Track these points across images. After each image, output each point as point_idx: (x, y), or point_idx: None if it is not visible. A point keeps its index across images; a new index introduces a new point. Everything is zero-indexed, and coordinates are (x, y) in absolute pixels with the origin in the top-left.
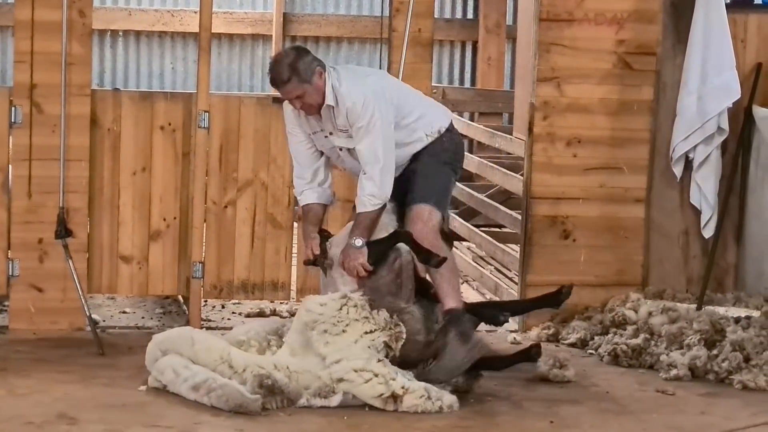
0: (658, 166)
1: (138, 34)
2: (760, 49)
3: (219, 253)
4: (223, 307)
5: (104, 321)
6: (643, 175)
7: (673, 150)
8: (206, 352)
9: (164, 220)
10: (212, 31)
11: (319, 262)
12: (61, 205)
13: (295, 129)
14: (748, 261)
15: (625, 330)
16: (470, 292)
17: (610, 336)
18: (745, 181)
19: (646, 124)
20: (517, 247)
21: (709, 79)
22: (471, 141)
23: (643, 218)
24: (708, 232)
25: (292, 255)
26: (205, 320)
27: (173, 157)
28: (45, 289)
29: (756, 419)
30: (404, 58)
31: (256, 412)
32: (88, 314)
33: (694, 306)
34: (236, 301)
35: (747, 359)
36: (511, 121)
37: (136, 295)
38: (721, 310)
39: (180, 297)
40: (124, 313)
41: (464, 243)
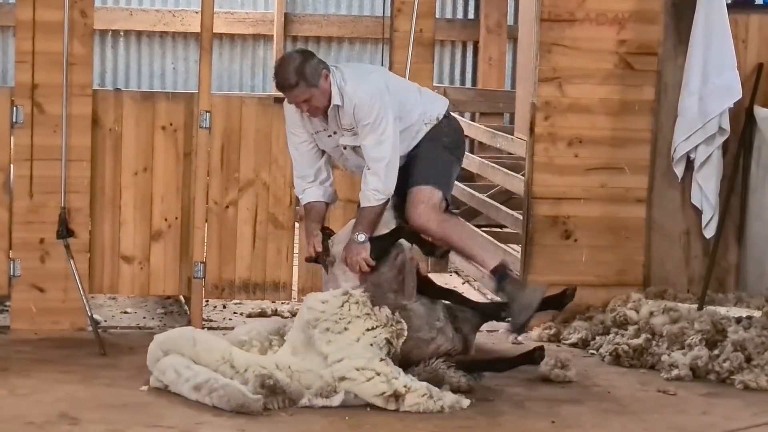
0: (659, 167)
1: (139, 34)
2: (761, 50)
3: (220, 253)
4: (225, 307)
5: (106, 321)
6: (645, 176)
7: (675, 150)
8: (208, 352)
9: (166, 220)
10: (213, 32)
11: (320, 260)
12: (63, 205)
13: (297, 129)
14: (750, 261)
15: (627, 330)
16: (471, 293)
17: (611, 336)
18: (747, 181)
19: (648, 125)
20: (519, 248)
21: (711, 80)
22: (472, 141)
23: (645, 218)
24: (709, 233)
25: (294, 255)
26: (206, 320)
27: (175, 157)
28: (46, 289)
29: (757, 419)
30: (410, 58)
31: (258, 412)
32: (90, 314)
33: (695, 306)
34: (238, 301)
35: (748, 359)
36: (511, 122)
37: (138, 295)
38: (722, 311)
39: (181, 297)
40: (126, 313)
41: None
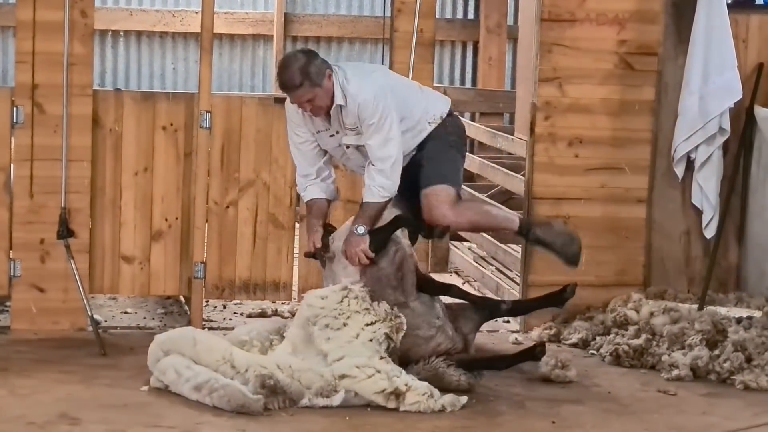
0: (659, 167)
1: (139, 34)
2: (761, 50)
3: (221, 254)
4: (225, 308)
5: (106, 321)
6: (645, 176)
7: (675, 150)
8: (208, 352)
9: (166, 220)
10: (213, 32)
11: (319, 255)
12: (63, 206)
13: (299, 129)
14: (750, 261)
15: (627, 330)
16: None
17: (611, 336)
18: (747, 181)
19: (648, 125)
20: (519, 248)
21: (711, 80)
22: (472, 141)
23: (645, 218)
24: (709, 233)
25: (294, 255)
26: (206, 320)
27: (175, 158)
28: (47, 290)
29: (758, 419)
30: (413, 58)
31: (258, 412)
32: (90, 314)
33: (695, 306)
34: (238, 302)
35: (749, 359)
36: (511, 122)
37: (138, 296)
38: (722, 311)
39: (182, 297)
40: (126, 313)
41: (465, 243)
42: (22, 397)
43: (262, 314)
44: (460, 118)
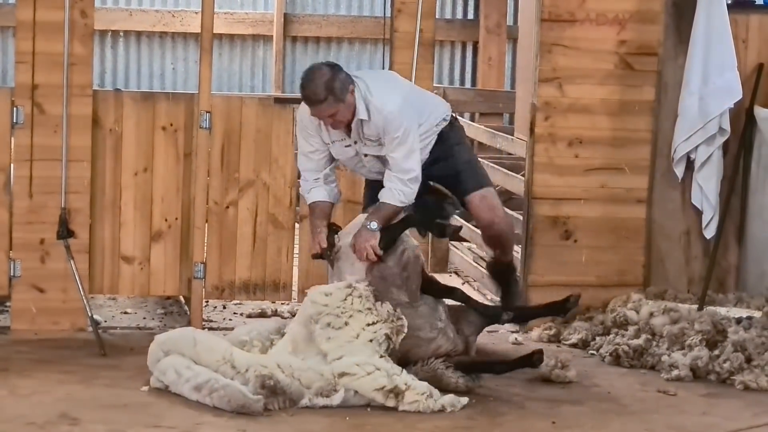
0: (659, 167)
1: (139, 34)
2: (761, 50)
3: (220, 254)
4: (225, 308)
5: (106, 321)
6: (645, 176)
7: (675, 150)
8: (208, 352)
9: (166, 220)
10: (213, 32)
11: (326, 255)
12: (63, 206)
13: (311, 139)
14: (750, 261)
15: (627, 330)
16: (471, 293)
17: (611, 336)
18: (747, 181)
19: (648, 125)
20: (519, 248)
21: (711, 80)
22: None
23: (645, 219)
24: (709, 233)
25: (294, 255)
26: (206, 321)
27: (175, 158)
28: (46, 290)
29: (758, 420)
30: (416, 59)
31: (258, 412)
32: (90, 315)
33: (695, 306)
34: (238, 302)
35: (748, 360)
36: (511, 122)
37: (138, 296)
38: (722, 311)
39: (181, 297)
40: (126, 313)
41: (465, 243)
42: (22, 397)
43: (262, 314)
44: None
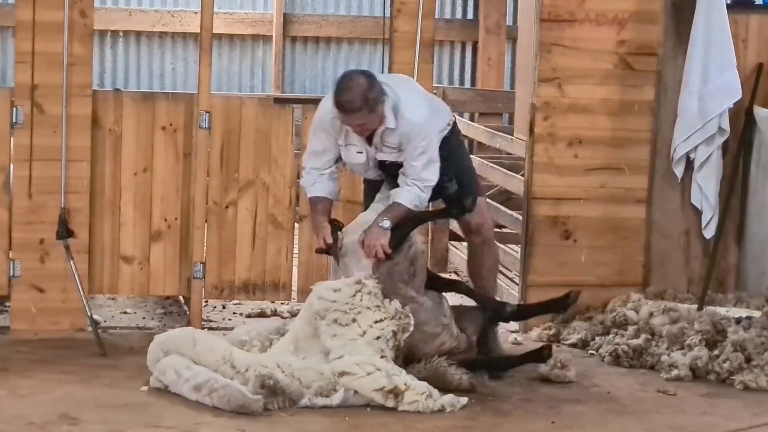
0: (659, 167)
1: (138, 34)
2: (761, 50)
3: (220, 254)
4: (224, 308)
5: (105, 321)
6: (644, 176)
7: (674, 150)
8: (208, 352)
9: (165, 220)
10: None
11: (332, 251)
12: (63, 206)
13: (327, 139)
14: (749, 261)
15: (626, 330)
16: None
17: (611, 336)
18: (746, 181)
19: (647, 125)
20: (518, 248)
21: (710, 80)
22: (471, 141)
23: (644, 219)
24: (709, 233)
25: (294, 255)
26: (206, 321)
27: (174, 158)
28: (46, 290)
29: (757, 420)
30: (417, 59)
31: (258, 412)
32: (90, 315)
33: (695, 306)
34: (237, 302)
35: (748, 360)
36: (510, 122)
37: (137, 296)
38: (722, 311)
39: (181, 297)
40: (125, 313)
41: (464, 243)
42: (22, 397)
43: (262, 314)
44: (457, 119)
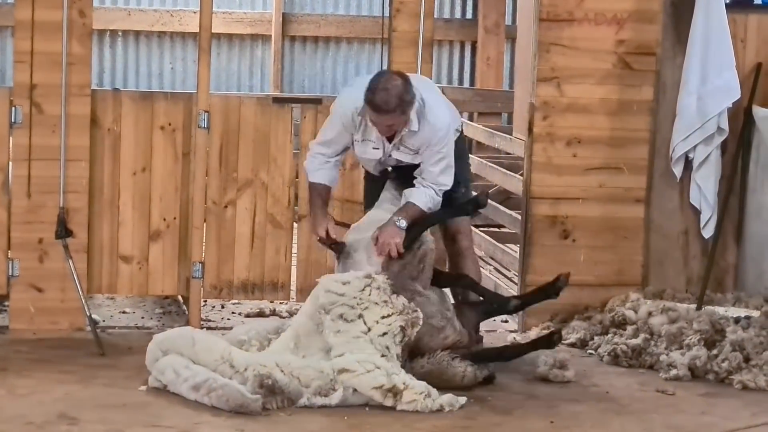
0: (657, 167)
1: (137, 34)
2: (760, 49)
3: (219, 253)
4: (223, 307)
5: (104, 321)
6: (643, 175)
7: (673, 150)
8: (207, 351)
9: (164, 220)
10: (211, 31)
11: (334, 248)
12: (61, 205)
13: (344, 132)
14: (748, 261)
15: (625, 330)
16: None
17: (609, 336)
18: (745, 181)
19: (646, 124)
20: (517, 247)
21: (709, 79)
22: (470, 141)
23: (643, 218)
24: (708, 232)
25: (292, 255)
26: (204, 320)
27: (173, 157)
28: (45, 289)
29: (756, 419)
30: (420, 59)
31: (257, 412)
32: (89, 314)
33: (693, 306)
34: (236, 301)
35: (747, 359)
36: (509, 121)
37: (136, 295)
38: (720, 310)
39: (180, 297)
40: (124, 313)
41: None
42: (21, 397)
43: (261, 314)
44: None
